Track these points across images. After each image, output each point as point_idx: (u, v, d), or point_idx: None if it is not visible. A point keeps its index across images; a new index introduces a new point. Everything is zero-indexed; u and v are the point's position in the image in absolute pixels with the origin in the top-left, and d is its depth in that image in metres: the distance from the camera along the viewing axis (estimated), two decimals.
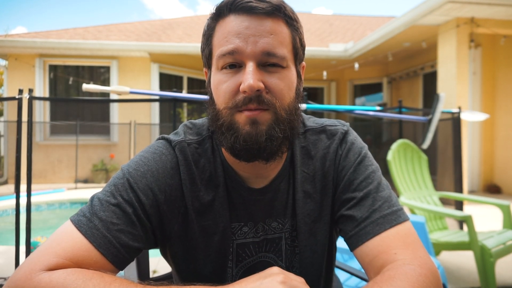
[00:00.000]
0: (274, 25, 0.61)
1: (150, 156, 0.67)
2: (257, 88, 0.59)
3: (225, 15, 0.62)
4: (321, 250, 0.73)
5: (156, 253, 1.09)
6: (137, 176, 0.64)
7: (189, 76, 8.89)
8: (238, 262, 0.71)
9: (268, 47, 0.60)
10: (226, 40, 0.61)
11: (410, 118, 3.69)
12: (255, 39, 0.60)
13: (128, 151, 7.73)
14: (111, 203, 0.60)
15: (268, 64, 0.61)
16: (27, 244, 2.39)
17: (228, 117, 0.62)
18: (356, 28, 10.50)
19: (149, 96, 3.22)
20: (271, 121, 0.61)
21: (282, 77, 0.62)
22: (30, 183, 2.38)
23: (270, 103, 0.61)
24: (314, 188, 0.72)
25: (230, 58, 0.61)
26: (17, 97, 2.41)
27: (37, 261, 0.54)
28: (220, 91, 0.63)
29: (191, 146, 0.70)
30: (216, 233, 0.68)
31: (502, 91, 6.54)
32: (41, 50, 7.64)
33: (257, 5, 0.60)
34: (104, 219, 0.59)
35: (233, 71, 0.62)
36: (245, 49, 0.60)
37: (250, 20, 0.60)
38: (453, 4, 4.92)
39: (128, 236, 0.59)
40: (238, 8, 0.61)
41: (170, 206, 0.66)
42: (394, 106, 6.99)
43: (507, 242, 2.28)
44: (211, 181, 0.69)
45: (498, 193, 6.33)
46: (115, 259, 0.58)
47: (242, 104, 0.60)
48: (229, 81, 0.61)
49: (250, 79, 0.58)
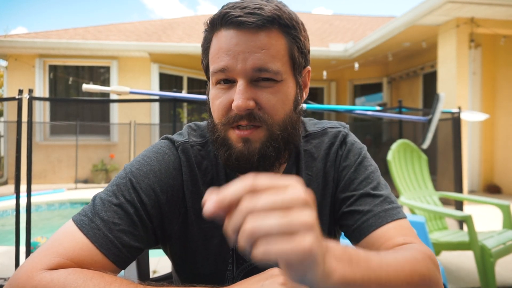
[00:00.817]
0: (266, 39, 0.59)
1: (153, 155, 0.67)
2: (246, 108, 0.58)
3: (218, 29, 0.61)
4: None
5: (156, 253, 1.09)
6: (139, 176, 0.63)
7: (189, 76, 8.89)
8: (239, 265, 0.71)
9: (259, 63, 0.58)
10: (217, 57, 0.60)
11: (410, 118, 3.69)
12: (245, 56, 0.58)
13: (128, 151, 7.73)
14: (113, 203, 0.60)
15: (261, 79, 0.60)
16: (27, 244, 2.38)
17: (222, 132, 0.62)
18: (356, 28, 10.50)
19: (149, 96, 3.22)
20: (264, 138, 0.61)
21: (275, 92, 0.61)
22: (30, 183, 2.38)
23: (262, 120, 0.60)
24: (317, 189, 0.73)
25: (222, 75, 0.60)
26: (17, 98, 2.41)
27: (38, 261, 0.54)
28: (215, 106, 0.63)
29: (194, 148, 0.70)
30: (216, 236, 0.68)
31: (502, 91, 6.54)
32: (41, 50, 7.64)
33: (246, 19, 0.57)
34: (106, 219, 0.59)
35: (226, 86, 0.61)
36: (235, 67, 0.58)
37: (239, 35, 0.58)
38: (453, 4, 4.92)
39: (130, 236, 0.59)
40: (228, 23, 0.59)
41: (171, 207, 0.66)
42: (394, 106, 6.99)
43: (507, 242, 2.28)
44: (213, 184, 0.69)
45: (498, 193, 6.33)
46: (116, 259, 0.58)
47: (234, 121, 0.60)
48: (222, 97, 0.61)
49: (238, 99, 0.58)
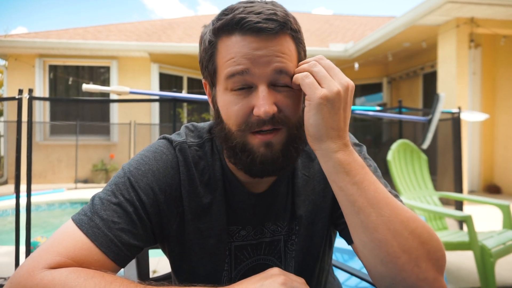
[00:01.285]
0: (283, 43, 0.60)
1: (151, 155, 0.68)
2: (272, 113, 0.59)
3: (229, 33, 0.60)
4: (317, 252, 0.74)
5: (156, 253, 1.09)
6: (138, 175, 0.64)
7: (189, 76, 8.89)
8: (237, 264, 0.71)
9: (281, 66, 0.59)
10: (234, 61, 0.59)
11: (410, 118, 3.69)
12: (267, 60, 0.58)
13: (128, 151, 7.73)
14: (112, 202, 0.61)
15: (279, 84, 0.61)
16: (27, 244, 2.38)
17: (241, 138, 0.61)
18: (356, 28, 10.51)
19: (149, 96, 3.21)
20: (285, 139, 0.62)
21: (292, 95, 0.62)
22: (30, 183, 2.38)
23: (283, 122, 0.61)
24: (313, 190, 0.73)
25: (240, 80, 0.59)
26: (17, 97, 2.41)
27: (39, 260, 0.54)
28: (231, 112, 0.61)
29: (192, 148, 0.70)
30: (212, 236, 0.69)
31: (502, 91, 6.54)
32: (41, 50, 7.64)
33: (266, 26, 0.58)
34: (105, 218, 0.59)
35: (243, 92, 0.60)
36: (256, 71, 0.58)
37: (259, 41, 0.58)
38: (453, 4, 4.92)
39: (129, 235, 0.60)
40: (245, 29, 0.58)
41: (169, 206, 0.66)
42: (394, 106, 6.99)
43: (507, 242, 2.28)
44: (210, 184, 0.69)
45: (498, 193, 6.33)
46: (116, 257, 0.59)
47: (256, 126, 0.60)
48: (241, 103, 0.60)
49: (265, 104, 0.58)
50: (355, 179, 0.57)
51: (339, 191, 0.58)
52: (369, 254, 0.57)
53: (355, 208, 0.57)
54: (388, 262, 0.55)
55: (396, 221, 0.56)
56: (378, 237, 0.55)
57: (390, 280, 0.57)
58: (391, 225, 0.55)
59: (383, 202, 0.57)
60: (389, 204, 0.57)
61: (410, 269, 0.55)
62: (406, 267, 0.55)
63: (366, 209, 0.56)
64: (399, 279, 0.56)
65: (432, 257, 0.57)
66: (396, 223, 0.56)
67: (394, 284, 0.56)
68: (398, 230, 0.55)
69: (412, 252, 0.55)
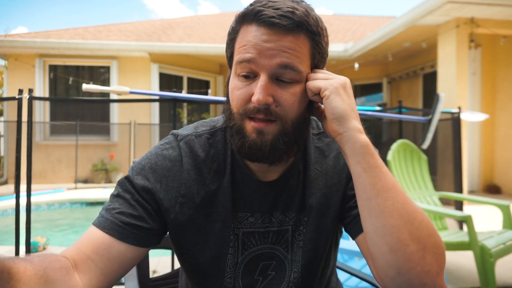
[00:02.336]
0: (294, 41, 0.62)
1: (154, 150, 0.74)
2: (265, 102, 0.62)
3: (249, 23, 0.64)
4: (324, 245, 0.76)
5: (156, 253, 1.09)
6: (137, 169, 0.71)
7: (189, 76, 8.89)
8: (244, 250, 0.74)
9: (286, 61, 0.62)
10: (244, 48, 0.63)
11: (410, 118, 3.69)
12: (273, 53, 0.61)
13: (128, 151, 7.73)
14: (114, 195, 0.69)
15: (283, 78, 0.64)
16: (27, 244, 2.38)
17: (239, 121, 0.66)
18: (356, 28, 10.51)
19: (149, 96, 3.21)
20: (277, 132, 0.65)
21: (294, 92, 0.65)
22: (30, 183, 2.38)
23: (277, 116, 0.64)
24: (326, 184, 0.76)
25: (246, 67, 0.63)
26: (17, 97, 2.41)
27: (67, 248, 0.63)
28: (234, 96, 0.66)
29: (203, 136, 0.75)
30: (218, 221, 0.72)
31: (502, 91, 6.54)
32: (41, 50, 7.64)
33: (279, 21, 0.61)
34: (107, 208, 0.68)
35: (249, 79, 0.65)
36: (261, 61, 0.62)
37: (270, 34, 0.62)
38: (453, 4, 4.92)
39: (129, 216, 0.66)
40: (260, 21, 0.62)
41: (166, 196, 0.70)
42: (394, 106, 6.99)
43: (507, 242, 2.28)
44: (218, 171, 0.73)
45: (498, 193, 6.33)
46: (122, 236, 0.64)
47: (251, 113, 0.64)
48: (244, 89, 0.65)
49: (260, 93, 0.62)
50: (377, 162, 0.62)
51: (362, 173, 0.61)
52: (379, 241, 0.59)
53: (374, 191, 0.60)
54: (397, 250, 0.57)
55: (408, 210, 0.59)
56: (392, 222, 0.58)
57: (396, 270, 0.58)
58: (404, 212, 0.58)
59: (398, 189, 0.61)
60: (401, 192, 0.61)
61: (417, 259, 0.56)
62: (414, 256, 0.57)
63: (384, 193, 0.59)
64: (405, 268, 0.57)
65: (436, 251, 0.58)
66: (408, 211, 0.59)
67: (400, 274, 0.57)
68: (410, 219, 0.58)
69: (420, 242, 0.57)
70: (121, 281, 2.48)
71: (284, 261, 0.75)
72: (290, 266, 0.75)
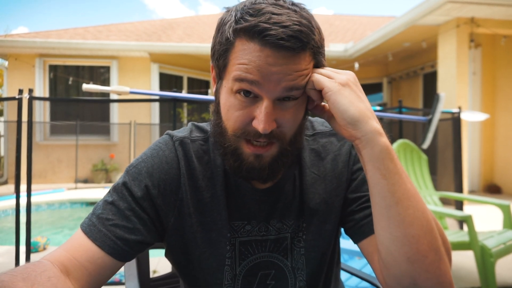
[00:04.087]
0: (300, 61, 0.57)
1: (149, 152, 0.71)
2: (270, 130, 0.58)
3: (249, 38, 0.56)
4: (327, 250, 0.74)
5: (156, 253, 1.09)
6: (133, 173, 0.68)
7: (189, 76, 8.89)
8: (241, 260, 0.71)
9: (291, 84, 0.57)
10: (245, 68, 0.56)
11: (410, 118, 3.69)
12: (279, 77, 0.56)
13: (128, 151, 7.73)
14: (108, 201, 0.66)
15: (285, 97, 0.59)
16: (27, 244, 2.39)
17: (235, 143, 0.62)
18: (356, 28, 10.51)
19: (149, 96, 3.22)
20: (276, 153, 0.62)
21: (296, 109, 0.61)
22: (30, 183, 2.38)
23: (278, 137, 0.61)
24: (325, 189, 0.73)
25: (248, 87, 0.57)
26: (17, 97, 2.41)
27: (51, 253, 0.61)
28: (231, 116, 0.61)
29: (197, 142, 0.72)
30: (214, 230, 0.69)
31: (502, 91, 6.54)
32: (41, 50, 7.64)
33: (288, 45, 0.54)
34: (100, 216, 0.64)
35: (248, 100, 0.59)
36: (265, 85, 0.56)
37: (276, 57, 0.55)
38: (453, 4, 4.92)
39: (123, 229, 0.63)
40: (266, 41, 0.55)
41: (164, 200, 0.68)
42: (394, 106, 6.99)
43: (507, 242, 2.28)
44: (212, 179, 0.70)
45: (498, 193, 6.33)
46: (112, 251, 0.62)
47: (252, 137, 0.60)
48: (243, 110, 0.59)
49: (265, 122, 0.57)
50: (397, 168, 0.57)
51: (381, 179, 0.56)
52: (397, 251, 0.55)
53: (394, 199, 0.55)
54: (415, 260, 0.54)
55: (428, 218, 0.56)
56: (412, 232, 0.54)
57: (411, 281, 0.55)
58: (424, 221, 0.55)
59: (418, 196, 0.57)
60: (421, 200, 0.57)
61: (433, 270, 0.54)
62: (431, 267, 0.54)
63: (405, 201, 0.55)
64: (422, 279, 0.54)
65: (448, 259, 0.57)
66: (428, 220, 0.56)
67: (415, 285, 0.55)
68: (429, 228, 0.55)
69: (437, 252, 0.55)
70: (121, 281, 2.48)
71: (284, 269, 0.72)
72: (292, 274, 0.72)
